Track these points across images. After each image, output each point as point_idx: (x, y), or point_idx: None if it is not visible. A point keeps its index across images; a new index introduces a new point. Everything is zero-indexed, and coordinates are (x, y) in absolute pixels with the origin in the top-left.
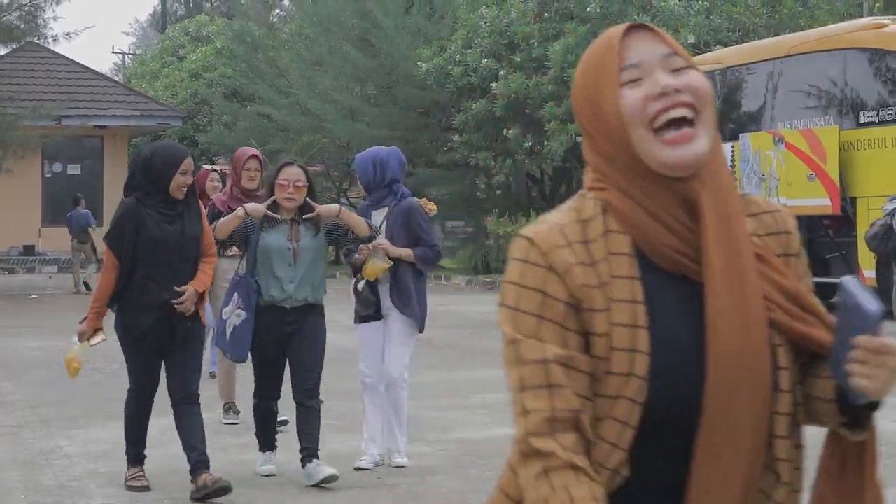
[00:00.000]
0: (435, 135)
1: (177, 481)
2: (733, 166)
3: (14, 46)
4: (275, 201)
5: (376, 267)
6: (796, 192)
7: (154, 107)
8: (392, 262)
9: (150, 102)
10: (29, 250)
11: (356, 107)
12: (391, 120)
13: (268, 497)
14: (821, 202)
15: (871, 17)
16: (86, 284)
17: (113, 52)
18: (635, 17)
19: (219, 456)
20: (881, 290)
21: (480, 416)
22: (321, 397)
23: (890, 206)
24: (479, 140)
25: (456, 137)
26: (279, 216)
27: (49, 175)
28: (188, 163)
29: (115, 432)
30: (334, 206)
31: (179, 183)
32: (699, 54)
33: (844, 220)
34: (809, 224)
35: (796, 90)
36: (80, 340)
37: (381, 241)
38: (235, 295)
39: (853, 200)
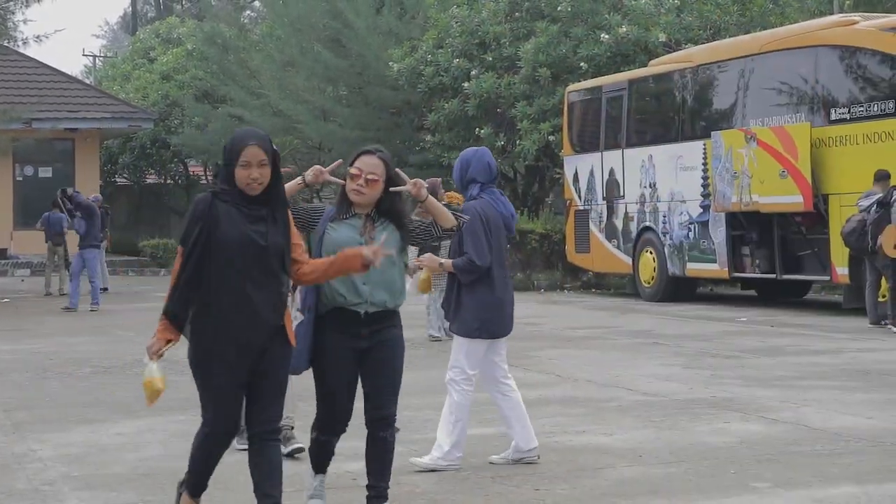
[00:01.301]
0: (407, 135)
1: (150, 484)
2: (705, 164)
3: None
4: (344, 194)
5: (423, 280)
6: (768, 189)
7: (125, 109)
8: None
9: (121, 105)
10: (1, 254)
11: (328, 107)
12: (363, 120)
13: (243, 499)
14: (793, 199)
15: (841, 14)
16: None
17: (83, 55)
18: (606, 15)
19: None
20: (854, 288)
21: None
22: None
23: (865, 203)
24: (452, 140)
25: (428, 137)
26: (351, 210)
27: (20, 178)
28: (251, 153)
29: (89, 436)
30: (421, 183)
31: (242, 178)
32: (670, 52)
33: (817, 218)
34: (782, 221)
35: (767, 88)
36: (151, 356)
37: (423, 257)
38: (297, 296)
39: (825, 197)
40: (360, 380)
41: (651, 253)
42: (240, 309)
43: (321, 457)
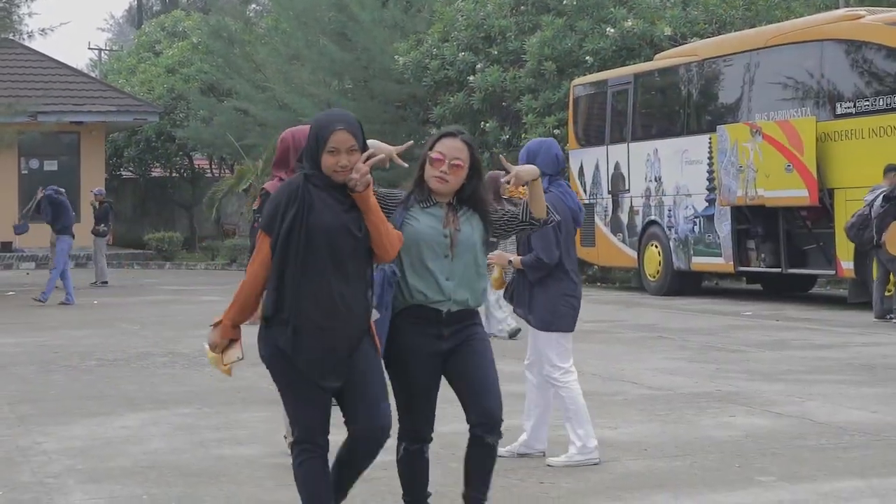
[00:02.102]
0: (412, 128)
1: (155, 477)
2: (710, 158)
3: None
4: (422, 179)
5: (495, 278)
6: (774, 183)
7: (130, 102)
8: (507, 270)
9: (127, 98)
10: (6, 247)
11: (333, 101)
12: (368, 114)
13: (246, 492)
14: (798, 193)
15: (847, 9)
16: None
17: (89, 48)
18: (611, 9)
19: (198, 451)
20: (859, 282)
21: (459, 410)
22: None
23: (870, 197)
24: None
25: (433, 131)
26: (431, 198)
27: (26, 171)
28: (340, 139)
29: (93, 429)
30: (532, 169)
31: (330, 165)
32: (676, 46)
33: (822, 212)
34: (787, 216)
35: (773, 82)
36: (214, 351)
37: (493, 254)
38: (370, 291)
39: (831, 192)
40: (450, 383)
41: (656, 247)
42: (328, 306)
43: (414, 471)
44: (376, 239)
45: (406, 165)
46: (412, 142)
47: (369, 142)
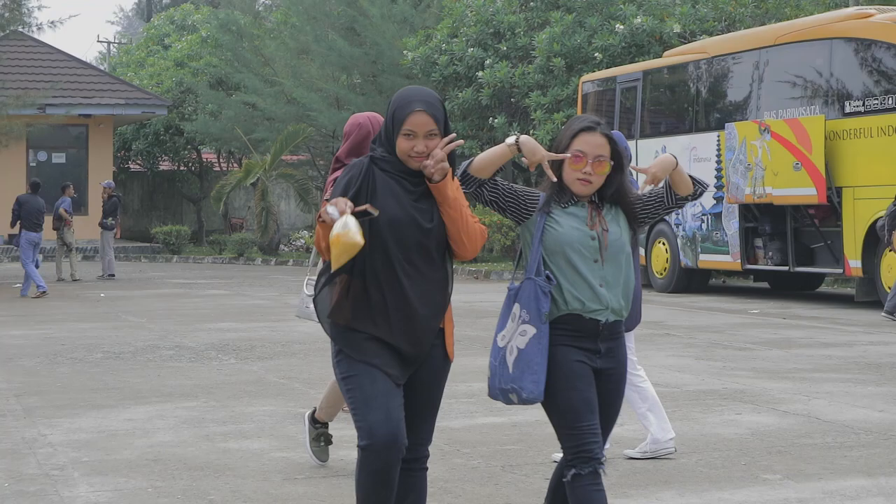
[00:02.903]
0: None
1: (160, 470)
2: (718, 156)
3: None
4: (560, 180)
5: None
6: (782, 181)
7: (139, 95)
8: None
9: (135, 91)
10: (14, 239)
11: (342, 95)
12: (377, 109)
13: (252, 486)
14: (807, 192)
15: (857, 7)
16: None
17: (98, 41)
18: (621, 6)
19: (204, 444)
20: (866, 281)
21: (465, 405)
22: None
23: None
24: (465, 129)
25: None
26: (572, 197)
27: (34, 164)
28: (418, 121)
29: (99, 421)
30: (668, 160)
31: (405, 149)
32: (685, 43)
33: (830, 210)
34: (795, 214)
35: (782, 80)
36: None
37: None
38: (517, 307)
39: (839, 190)
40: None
41: (664, 244)
42: (393, 306)
43: (589, 497)
44: (453, 233)
45: (555, 179)
46: (569, 155)
47: (523, 139)
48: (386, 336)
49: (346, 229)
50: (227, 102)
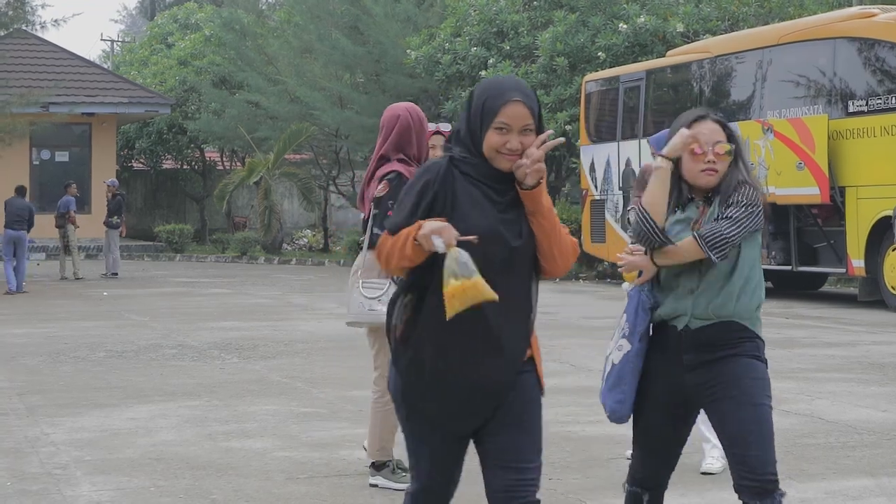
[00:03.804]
0: None
1: (162, 469)
2: None
3: (2, 33)
4: (679, 179)
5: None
6: (785, 181)
7: (142, 94)
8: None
9: (139, 90)
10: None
11: (345, 94)
12: (380, 108)
13: (254, 485)
14: (809, 191)
15: (860, 7)
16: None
17: (101, 40)
18: (624, 5)
19: (207, 443)
20: (870, 280)
21: None
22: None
23: None
24: None
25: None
26: (689, 195)
27: (37, 162)
28: (515, 113)
29: (102, 420)
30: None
31: (496, 145)
32: (688, 43)
33: (833, 210)
34: (798, 213)
35: (785, 79)
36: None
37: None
38: (623, 317)
39: (842, 190)
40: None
41: None
42: (474, 334)
43: None
44: (544, 248)
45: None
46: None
47: (665, 154)
48: (460, 372)
49: (474, 277)
50: (231, 101)
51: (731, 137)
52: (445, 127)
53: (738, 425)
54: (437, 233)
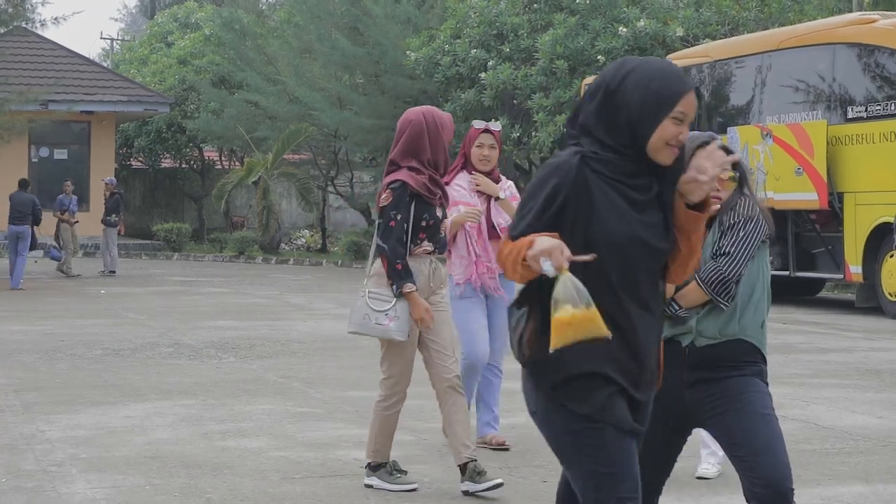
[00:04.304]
0: None
1: (158, 467)
2: None
3: (1, 31)
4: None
5: None
6: (783, 186)
7: (141, 93)
8: None
9: (138, 88)
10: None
11: (344, 95)
12: (379, 109)
13: (249, 485)
14: (808, 196)
15: (860, 12)
16: (61, 271)
17: (101, 38)
18: (624, 9)
19: (202, 442)
20: (867, 286)
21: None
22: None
23: None
24: (468, 130)
25: None
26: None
27: (36, 160)
28: (692, 103)
29: (98, 418)
30: None
31: (669, 136)
32: (688, 47)
33: (831, 215)
34: (796, 218)
35: (785, 84)
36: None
37: None
38: None
39: (840, 195)
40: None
41: None
42: (622, 345)
43: None
44: (684, 260)
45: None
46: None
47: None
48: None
49: (591, 308)
50: (230, 101)
51: (735, 164)
52: (495, 126)
53: (745, 434)
54: (546, 254)
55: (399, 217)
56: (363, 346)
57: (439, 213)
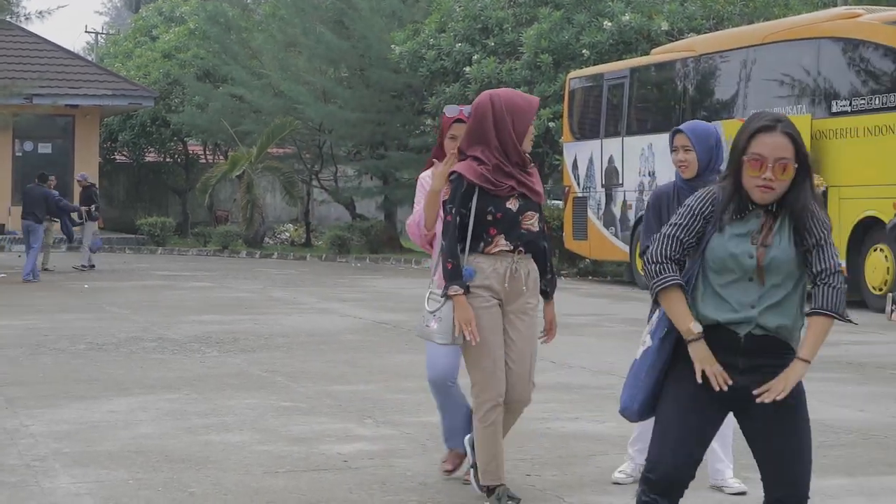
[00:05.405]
0: (407, 118)
1: (141, 462)
2: None
3: None
4: (739, 185)
5: None
6: None
7: (126, 87)
8: None
9: (123, 82)
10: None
11: (329, 89)
12: (364, 102)
13: (233, 479)
14: None
15: (845, 7)
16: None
17: (86, 32)
18: (609, 3)
19: (186, 436)
20: (851, 281)
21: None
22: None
23: None
24: None
25: (428, 121)
26: (748, 205)
27: (20, 154)
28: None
29: (81, 412)
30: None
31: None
32: (673, 41)
33: None
34: None
35: (769, 78)
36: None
37: None
38: (658, 311)
39: (825, 190)
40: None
41: None
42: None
43: None
44: None
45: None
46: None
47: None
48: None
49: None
50: (214, 94)
51: (800, 154)
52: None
53: (782, 440)
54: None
55: (454, 211)
56: (346, 340)
57: (513, 204)
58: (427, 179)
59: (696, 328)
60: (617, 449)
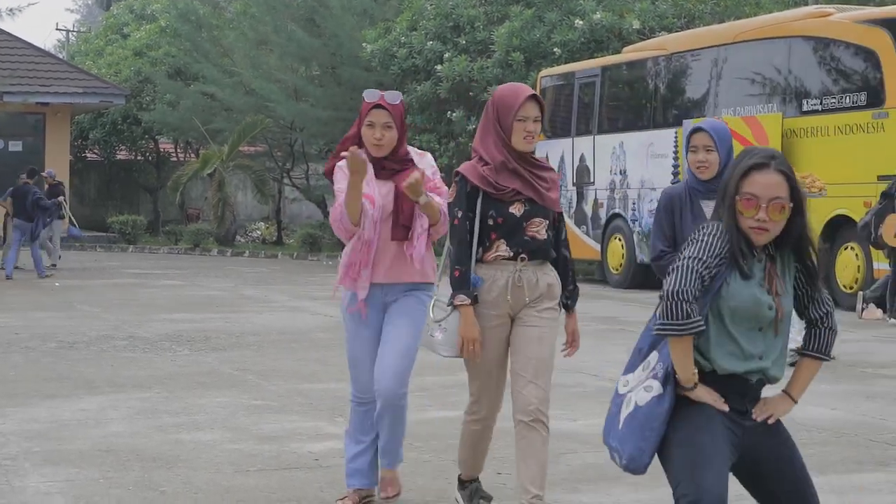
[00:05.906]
0: None
1: (112, 461)
2: (676, 153)
3: None
4: (736, 228)
5: None
6: None
7: (97, 84)
8: None
9: (94, 80)
10: None
11: (300, 87)
12: (335, 100)
13: (203, 478)
14: None
15: (816, 6)
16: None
17: (57, 29)
18: (580, 1)
19: (157, 435)
20: (822, 279)
21: (418, 399)
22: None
23: None
24: (423, 122)
25: None
26: (750, 249)
27: None
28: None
29: (53, 411)
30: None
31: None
32: (644, 40)
33: None
34: None
35: (740, 77)
36: None
37: None
38: (654, 356)
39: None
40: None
41: (620, 240)
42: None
43: None
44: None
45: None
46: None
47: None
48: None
49: None
50: (186, 92)
51: (794, 192)
52: (393, 99)
53: (794, 468)
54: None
55: (461, 214)
56: (317, 339)
57: (517, 209)
58: (345, 169)
59: (696, 376)
60: (588, 447)
